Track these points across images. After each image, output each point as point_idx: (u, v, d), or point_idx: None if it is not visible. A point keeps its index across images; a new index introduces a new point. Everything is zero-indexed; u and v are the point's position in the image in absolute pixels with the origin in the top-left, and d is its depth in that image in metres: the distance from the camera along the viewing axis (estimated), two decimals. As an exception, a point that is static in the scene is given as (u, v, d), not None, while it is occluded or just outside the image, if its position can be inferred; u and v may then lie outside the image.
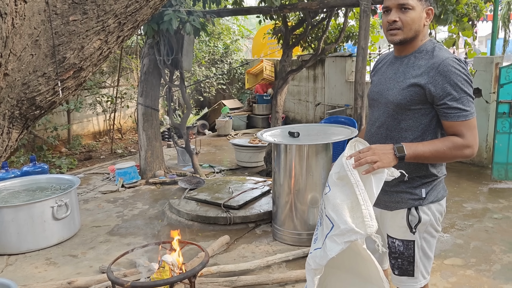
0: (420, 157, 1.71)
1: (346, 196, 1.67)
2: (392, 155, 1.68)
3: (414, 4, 1.75)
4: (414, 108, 1.79)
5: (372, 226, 1.57)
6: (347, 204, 1.65)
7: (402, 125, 1.82)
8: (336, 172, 1.75)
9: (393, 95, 1.82)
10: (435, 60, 1.74)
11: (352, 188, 1.65)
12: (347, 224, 1.59)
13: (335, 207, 1.66)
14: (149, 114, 5.62)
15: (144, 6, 1.36)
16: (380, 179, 1.69)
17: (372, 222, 1.57)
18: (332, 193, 1.71)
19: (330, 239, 1.64)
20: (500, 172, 5.20)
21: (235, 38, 10.32)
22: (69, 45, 1.28)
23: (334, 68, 7.87)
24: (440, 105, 1.73)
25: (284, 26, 5.74)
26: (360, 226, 1.58)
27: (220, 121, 8.82)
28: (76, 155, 7.15)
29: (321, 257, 1.68)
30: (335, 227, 1.64)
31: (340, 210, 1.63)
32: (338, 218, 1.63)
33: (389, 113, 1.84)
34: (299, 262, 3.45)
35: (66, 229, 3.97)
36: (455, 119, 1.72)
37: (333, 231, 1.64)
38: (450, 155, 1.72)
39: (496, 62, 5.62)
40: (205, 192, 4.68)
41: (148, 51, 5.52)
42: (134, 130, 9.14)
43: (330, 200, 1.71)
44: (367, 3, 4.16)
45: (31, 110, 1.30)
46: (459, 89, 1.71)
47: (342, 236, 1.60)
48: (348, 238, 1.59)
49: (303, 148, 3.66)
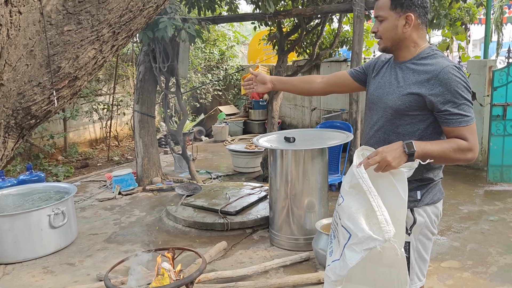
0: (427, 156, 1.70)
1: (360, 204, 1.66)
2: (401, 152, 1.66)
3: (385, 15, 1.83)
4: (412, 114, 1.81)
5: (389, 231, 1.56)
6: (362, 212, 1.64)
7: (399, 130, 1.84)
8: (348, 182, 1.74)
9: (392, 101, 1.84)
10: (435, 67, 1.77)
11: (365, 196, 1.63)
12: (365, 232, 1.58)
13: (351, 216, 1.65)
14: (146, 121, 5.63)
15: (138, 15, 1.38)
16: (403, 180, 1.68)
17: (389, 227, 1.56)
18: (346, 202, 1.71)
19: (349, 248, 1.63)
20: (495, 175, 5.24)
21: (231, 45, 10.36)
22: (64, 54, 1.29)
23: (329, 73, 7.90)
24: (441, 111, 1.75)
25: (279, 32, 5.78)
26: (378, 232, 1.57)
27: (216, 127, 8.84)
28: (72, 163, 7.15)
29: (341, 268, 1.68)
30: (352, 236, 1.63)
31: (356, 218, 1.63)
32: (355, 226, 1.62)
33: (387, 117, 1.86)
34: (296, 267, 3.46)
35: (63, 237, 3.96)
36: (457, 125, 1.74)
37: (351, 240, 1.64)
38: (454, 157, 1.73)
39: (489, 66, 5.67)
40: (202, 198, 4.69)
41: (144, 59, 5.54)
42: (130, 137, 9.14)
43: (344, 210, 1.70)
44: (360, 9, 4.19)
45: (27, 120, 1.31)
46: (459, 96, 1.73)
47: (360, 244, 1.60)
48: (367, 245, 1.58)
49: (299, 153, 3.68)
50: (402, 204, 1.69)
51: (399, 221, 1.70)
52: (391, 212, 1.67)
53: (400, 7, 1.81)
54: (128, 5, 1.32)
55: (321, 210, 3.80)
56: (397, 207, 1.69)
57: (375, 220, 1.59)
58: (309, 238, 3.71)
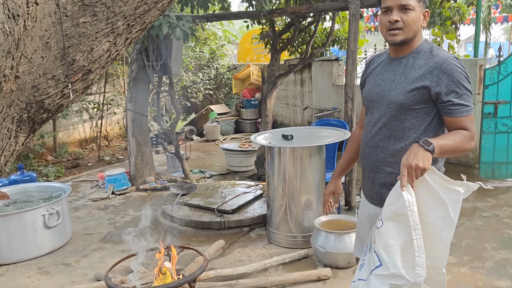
0: (443, 151, 1.69)
1: (400, 235, 1.58)
2: (423, 150, 1.62)
3: (414, 5, 1.79)
4: (417, 108, 1.82)
5: (422, 276, 1.53)
6: (400, 244, 1.57)
7: (405, 125, 1.84)
8: (393, 206, 1.64)
9: (396, 96, 1.84)
10: (437, 59, 1.78)
11: (408, 229, 1.56)
12: (398, 269, 1.54)
13: (387, 247, 1.59)
14: (139, 120, 5.58)
15: (153, 8, 1.36)
16: (457, 201, 1.61)
17: (422, 272, 1.53)
18: (385, 229, 1.62)
19: (377, 277, 1.59)
20: (487, 172, 5.31)
21: (221, 44, 10.34)
22: (78, 47, 1.27)
23: (321, 72, 7.94)
24: (445, 102, 1.77)
25: (272, 31, 5.78)
26: (410, 272, 1.53)
27: (208, 126, 8.80)
28: (63, 163, 7.05)
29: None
30: (383, 267, 1.58)
31: (391, 252, 1.57)
32: (389, 259, 1.57)
33: (392, 113, 1.86)
34: (295, 264, 3.46)
35: (58, 238, 3.90)
36: (459, 115, 1.76)
37: (381, 270, 1.59)
38: (462, 148, 1.75)
39: (480, 64, 5.75)
40: (198, 197, 4.66)
41: (137, 57, 5.48)
42: (121, 137, 9.06)
43: (382, 237, 1.62)
44: (356, 7, 4.22)
45: (39, 114, 1.29)
46: (461, 86, 1.76)
47: (390, 278, 1.56)
48: (395, 281, 1.55)
49: (297, 150, 3.68)
50: (451, 225, 1.63)
51: (443, 243, 1.64)
52: (436, 233, 1.61)
53: (423, 2, 1.82)
54: (143, -3, 1.31)
55: (318, 208, 3.81)
56: (444, 228, 1.63)
57: (410, 259, 1.53)
58: (307, 235, 3.72)
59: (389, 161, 1.88)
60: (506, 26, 19.66)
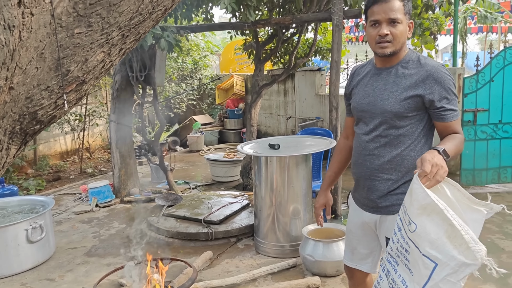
0: (452, 156, 1.71)
1: (438, 226, 1.47)
2: (441, 156, 1.60)
3: (402, 18, 1.84)
4: (411, 115, 1.87)
5: (480, 250, 1.40)
6: (444, 235, 1.46)
7: (400, 132, 1.89)
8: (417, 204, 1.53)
9: (390, 105, 1.88)
10: (428, 68, 1.85)
11: (441, 215, 1.46)
12: (457, 259, 1.42)
13: (434, 244, 1.47)
14: (122, 131, 5.53)
15: (147, 18, 1.36)
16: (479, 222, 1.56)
17: (479, 246, 1.40)
18: (421, 228, 1.50)
19: (444, 281, 1.46)
20: (468, 178, 5.43)
21: (204, 54, 10.36)
22: (73, 58, 1.26)
23: (304, 82, 8.02)
24: (437, 108, 1.83)
25: (256, 41, 5.82)
26: (468, 254, 1.42)
27: (191, 137, 8.77)
28: (44, 176, 6.91)
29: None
30: (441, 266, 1.46)
31: (441, 245, 1.46)
32: (443, 255, 1.45)
33: (388, 121, 1.90)
34: (284, 274, 3.46)
35: (41, 252, 3.81)
36: (451, 119, 1.84)
37: (441, 270, 1.46)
38: (459, 150, 1.81)
39: (459, 73, 5.90)
40: (184, 209, 4.63)
41: (120, 68, 5.45)
42: (103, 149, 8.94)
43: (422, 237, 1.50)
44: (339, 18, 4.29)
45: (32, 125, 1.27)
46: (451, 92, 1.84)
47: (455, 274, 1.44)
48: (462, 273, 1.43)
49: (284, 159, 3.70)
50: None
51: None
52: None
53: (408, 14, 1.88)
54: (138, 8, 1.30)
55: (306, 217, 3.83)
56: None
57: (460, 241, 1.42)
58: (295, 244, 3.72)
59: (386, 168, 1.92)
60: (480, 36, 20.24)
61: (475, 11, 10.16)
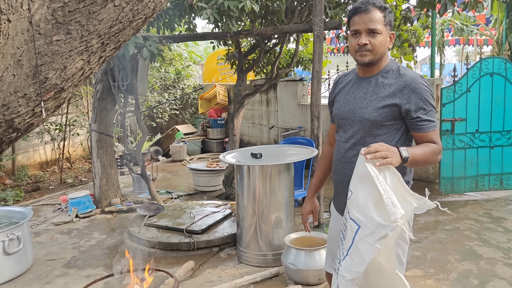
0: (415, 161, 1.76)
1: (368, 193, 1.59)
2: (399, 156, 1.69)
3: (382, 29, 1.90)
4: (388, 124, 1.92)
5: (395, 212, 1.49)
6: (371, 200, 1.57)
7: (377, 140, 1.92)
8: (356, 174, 1.69)
9: (368, 113, 1.92)
10: (406, 78, 1.89)
11: (373, 183, 1.57)
12: (374, 220, 1.52)
13: (360, 207, 1.60)
14: (104, 140, 5.47)
15: (128, 26, 1.36)
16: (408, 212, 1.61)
17: (395, 209, 1.49)
18: (354, 195, 1.66)
19: (362, 242, 1.57)
20: (447, 186, 5.52)
21: (187, 64, 10.37)
22: (51, 65, 1.25)
23: (286, 92, 8.09)
24: (413, 118, 1.87)
25: (238, 52, 5.86)
26: (386, 217, 1.51)
27: (174, 146, 8.72)
28: (22, 187, 6.77)
29: (357, 264, 1.60)
30: (362, 228, 1.57)
31: (364, 209, 1.57)
32: (364, 217, 1.56)
33: (365, 129, 1.94)
34: (267, 283, 3.45)
35: (18, 265, 3.72)
36: (427, 130, 1.88)
37: (361, 231, 1.57)
38: (431, 159, 1.85)
39: (436, 84, 6.04)
40: (166, 218, 4.59)
41: (102, 77, 5.41)
42: (84, 159, 8.82)
43: (353, 203, 1.65)
44: (320, 29, 4.36)
45: (8, 133, 1.25)
46: (428, 104, 1.88)
47: (372, 235, 1.54)
48: (378, 235, 1.52)
49: (266, 168, 3.71)
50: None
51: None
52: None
53: (389, 25, 1.93)
54: (118, 16, 1.31)
55: (288, 225, 3.84)
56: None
57: (382, 204, 1.52)
58: (277, 253, 3.72)
59: None
60: (458, 48, 20.75)
61: (452, 23, 10.44)
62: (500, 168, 5.51)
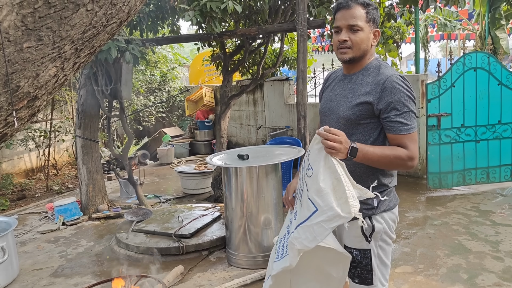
0: (368, 159, 1.77)
1: (327, 177, 1.66)
2: (346, 152, 1.71)
3: (362, 26, 1.86)
4: (363, 123, 1.89)
5: (355, 206, 1.60)
6: (330, 188, 1.65)
7: (353, 139, 1.88)
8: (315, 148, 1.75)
9: (344, 111, 1.91)
10: (381, 77, 1.86)
11: (332, 169, 1.65)
12: (334, 210, 1.61)
13: (320, 192, 1.66)
14: (89, 146, 5.40)
15: (102, 31, 1.33)
16: None
17: (355, 203, 1.60)
18: (315, 174, 1.70)
19: (318, 225, 1.65)
20: (434, 181, 5.55)
21: (172, 66, 10.29)
22: (23, 73, 1.21)
23: (273, 92, 8.07)
24: (384, 118, 1.84)
25: (223, 53, 5.83)
26: (345, 208, 1.60)
27: (161, 149, 8.66)
28: (7, 195, 6.65)
29: (310, 240, 1.69)
30: (319, 212, 1.65)
31: (325, 195, 1.64)
32: (325, 203, 1.63)
33: (341, 127, 1.90)
34: (257, 285, 3.43)
35: (3, 276, 3.65)
36: (397, 133, 1.83)
37: (318, 215, 1.65)
38: (394, 163, 1.82)
39: (421, 80, 6.07)
40: (154, 223, 4.54)
41: (85, 82, 5.34)
42: (70, 165, 8.70)
43: (313, 183, 1.70)
44: (303, 28, 4.34)
45: (-20, 144, 1.21)
46: (402, 105, 1.82)
47: (329, 222, 1.62)
48: (335, 223, 1.62)
49: (254, 170, 3.69)
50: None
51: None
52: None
53: (373, 22, 1.90)
54: (91, 21, 1.27)
55: (277, 226, 3.82)
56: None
57: (342, 194, 1.61)
58: (266, 255, 3.70)
59: None
60: (442, 44, 20.97)
61: (436, 19, 10.53)
62: (486, 161, 5.56)
